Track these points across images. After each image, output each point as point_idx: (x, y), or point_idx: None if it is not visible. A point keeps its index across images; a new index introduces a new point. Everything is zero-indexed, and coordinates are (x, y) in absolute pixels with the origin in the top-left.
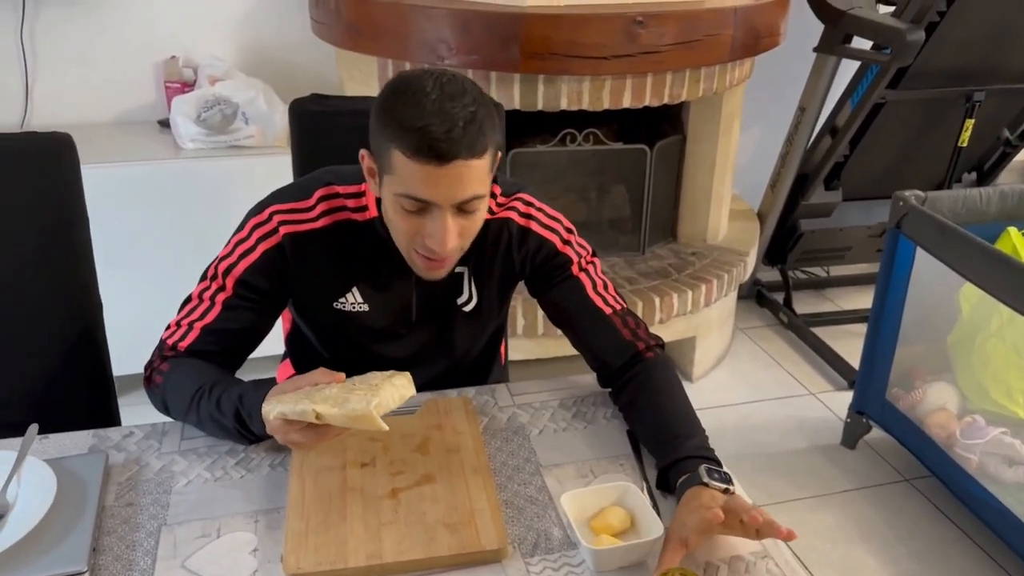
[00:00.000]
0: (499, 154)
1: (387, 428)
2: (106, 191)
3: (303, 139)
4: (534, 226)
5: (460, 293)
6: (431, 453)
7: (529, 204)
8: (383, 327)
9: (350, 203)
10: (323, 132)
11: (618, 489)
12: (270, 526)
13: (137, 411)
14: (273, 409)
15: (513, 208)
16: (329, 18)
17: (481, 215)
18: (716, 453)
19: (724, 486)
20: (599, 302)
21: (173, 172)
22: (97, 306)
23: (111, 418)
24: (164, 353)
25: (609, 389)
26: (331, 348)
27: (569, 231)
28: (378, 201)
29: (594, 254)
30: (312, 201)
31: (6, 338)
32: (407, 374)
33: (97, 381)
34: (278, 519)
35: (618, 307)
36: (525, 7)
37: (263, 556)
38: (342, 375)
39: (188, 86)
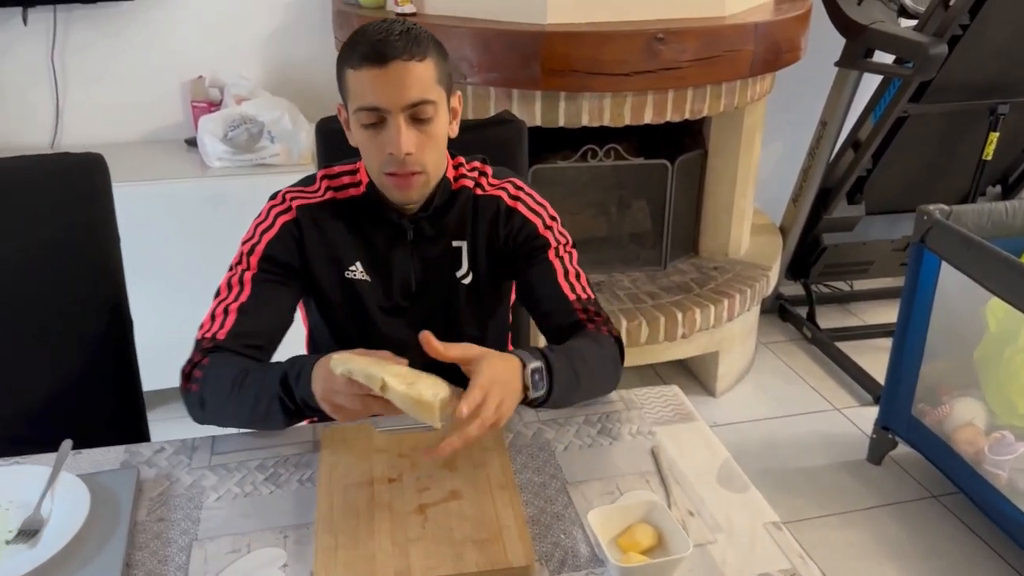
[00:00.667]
0: (452, 88)
1: (440, 426)
2: (135, 209)
3: (329, 157)
4: (520, 207)
5: (459, 267)
6: (458, 469)
7: (519, 188)
8: (386, 298)
9: (345, 179)
10: (349, 150)
11: (645, 506)
12: (299, 542)
13: (166, 426)
14: (340, 365)
15: (504, 189)
16: None
17: (439, 129)
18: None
19: (534, 395)
20: (566, 288)
21: (200, 190)
22: (128, 324)
23: (141, 433)
24: (204, 347)
25: None
26: (344, 327)
27: (552, 218)
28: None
29: (573, 245)
30: (316, 183)
31: (39, 355)
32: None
33: (127, 397)
34: (307, 535)
35: (584, 296)
36: (546, 25)
37: (293, 572)
38: (406, 360)
39: (215, 106)
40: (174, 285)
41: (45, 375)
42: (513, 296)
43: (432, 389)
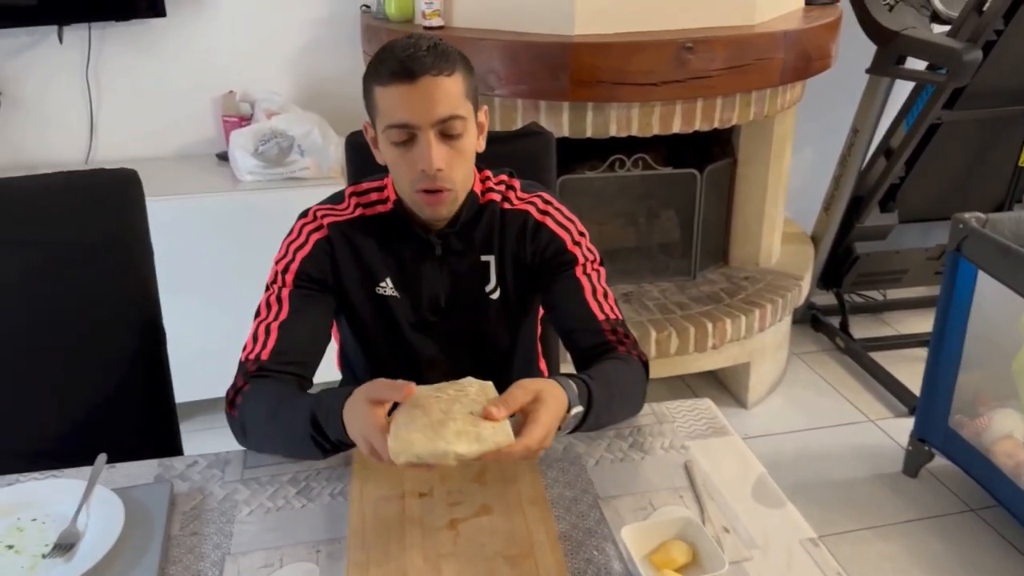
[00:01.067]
0: (479, 102)
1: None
2: (167, 223)
3: (359, 170)
4: (548, 222)
5: (487, 281)
6: (488, 483)
7: (548, 202)
8: (416, 314)
9: (374, 195)
10: (378, 164)
11: (679, 522)
12: (332, 556)
13: (200, 437)
14: (404, 452)
15: (532, 203)
16: None
17: (468, 144)
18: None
19: (575, 410)
20: (595, 307)
21: (231, 204)
22: (161, 337)
23: (174, 447)
24: (249, 371)
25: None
26: (375, 343)
27: (581, 234)
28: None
29: (601, 263)
30: (346, 200)
31: (73, 369)
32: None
33: (161, 410)
34: (339, 549)
35: (612, 316)
36: (573, 36)
37: None
38: (412, 387)
39: (246, 120)
40: (207, 297)
41: (79, 389)
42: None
43: (497, 434)
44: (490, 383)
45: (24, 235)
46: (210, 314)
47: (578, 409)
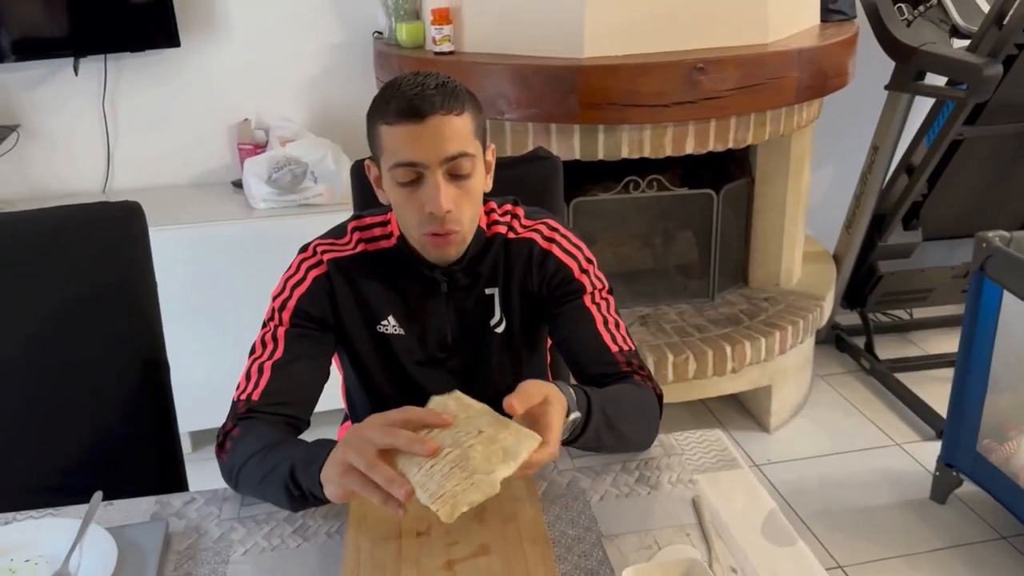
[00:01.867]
0: (488, 141)
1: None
2: (182, 251)
3: (364, 197)
4: (555, 249)
5: (492, 315)
6: (487, 522)
7: (553, 229)
8: (421, 351)
9: (376, 231)
10: None
11: (685, 563)
12: None
13: (208, 466)
14: (456, 508)
15: (537, 231)
16: (392, 77)
17: (477, 183)
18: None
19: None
20: (607, 338)
21: (246, 231)
22: (164, 369)
23: (177, 479)
24: (237, 413)
25: None
26: (376, 380)
27: (589, 261)
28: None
29: (610, 291)
30: (348, 235)
31: (74, 402)
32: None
33: (164, 444)
34: None
35: (626, 347)
36: (582, 59)
37: None
38: (447, 418)
39: (260, 147)
40: (221, 325)
41: (81, 424)
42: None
43: (522, 442)
44: (456, 391)
45: (26, 269)
46: (224, 341)
47: (575, 415)
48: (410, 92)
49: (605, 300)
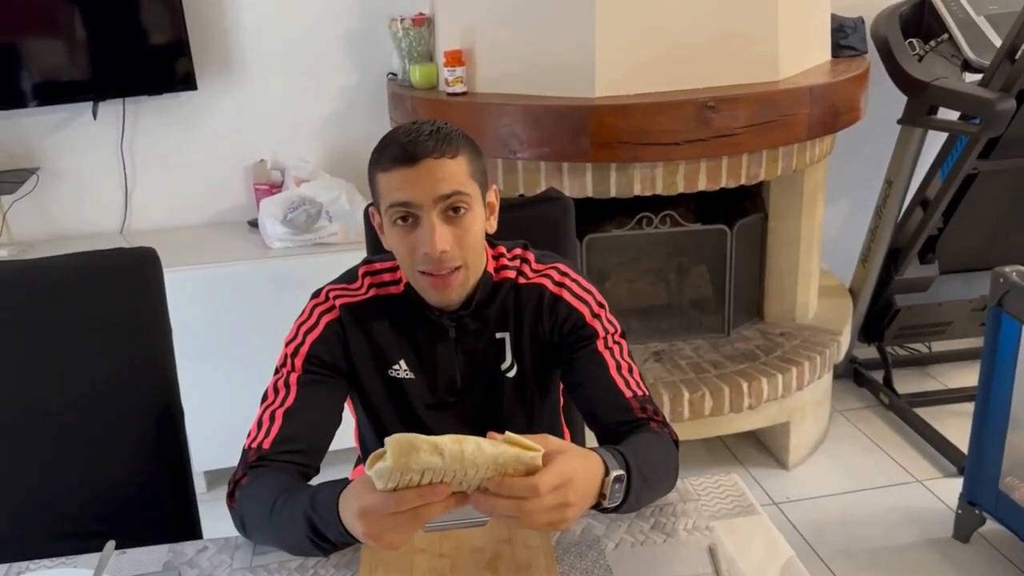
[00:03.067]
0: (490, 183)
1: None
2: (199, 290)
3: (377, 239)
4: (565, 294)
5: (503, 359)
6: (500, 571)
7: (564, 274)
8: (431, 395)
9: (387, 276)
10: None
11: None
12: None
13: (218, 507)
14: (409, 458)
15: (547, 276)
16: (406, 118)
17: (475, 224)
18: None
19: (609, 504)
20: (621, 384)
21: (261, 271)
22: (178, 415)
23: (191, 524)
24: (248, 461)
25: None
26: (388, 424)
27: (600, 305)
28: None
29: (623, 335)
30: (359, 280)
31: (88, 446)
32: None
33: (178, 489)
34: None
35: (640, 393)
36: (594, 99)
37: None
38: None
39: (276, 187)
40: (236, 364)
41: (95, 470)
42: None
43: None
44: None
45: (42, 316)
46: (239, 380)
47: (618, 472)
48: (404, 139)
49: (618, 344)
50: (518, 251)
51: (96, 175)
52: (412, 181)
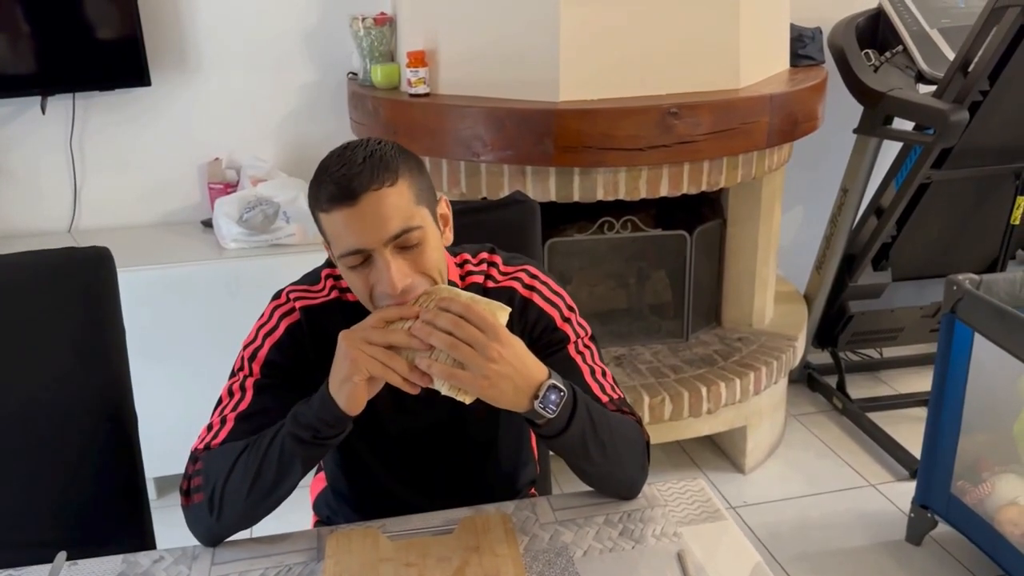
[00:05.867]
0: (435, 197)
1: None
2: (150, 292)
3: None
4: (536, 298)
5: None
6: None
7: (534, 277)
8: (393, 402)
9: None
10: None
11: None
12: None
13: (167, 514)
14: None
15: (517, 279)
16: (367, 118)
17: (432, 247)
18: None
19: (541, 410)
20: (596, 388)
21: (216, 272)
22: (132, 422)
23: (142, 533)
24: (197, 458)
25: None
26: (349, 432)
27: (571, 309)
28: None
29: (592, 338)
30: (322, 282)
31: (38, 451)
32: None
33: (131, 496)
34: None
35: (615, 396)
36: (558, 103)
37: None
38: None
39: (231, 187)
40: (190, 367)
41: (44, 477)
42: None
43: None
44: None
45: None
46: (192, 384)
47: (557, 383)
48: (337, 173)
49: (588, 348)
50: (484, 255)
51: (44, 172)
52: (356, 224)
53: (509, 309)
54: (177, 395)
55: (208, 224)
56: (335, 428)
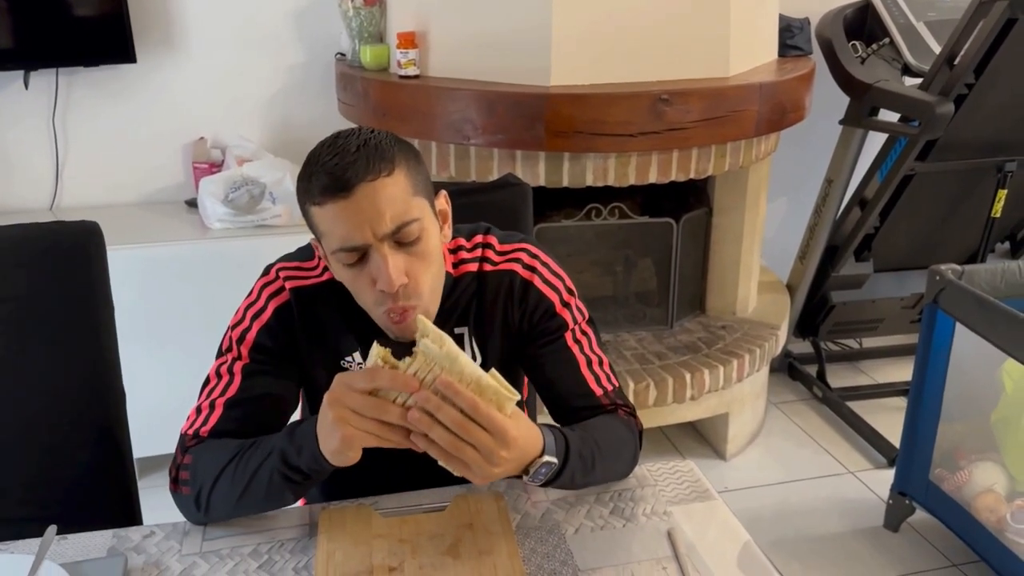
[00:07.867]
0: (433, 189)
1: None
2: (133, 272)
3: None
4: (536, 280)
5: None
6: (462, 556)
7: (534, 256)
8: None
9: None
10: None
11: None
12: None
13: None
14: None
15: (517, 260)
16: (356, 100)
17: (430, 246)
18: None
19: (529, 481)
20: (591, 381)
21: (200, 252)
22: (120, 398)
23: (130, 510)
24: (186, 446)
25: None
26: None
27: (570, 292)
28: None
29: (590, 321)
30: (315, 260)
31: (25, 430)
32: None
33: (118, 474)
34: None
35: (610, 387)
36: (550, 87)
37: None
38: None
39: (216, 167)
40: (174, 348)
41: (32, 452)
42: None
43: (502, 399)
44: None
45: None
46: (176, 365)
47: (550, 459)
48: (330, 164)
49: (586, 335)
50: (479, 238)
51: (26, 148)
52: (351, 217)
53: (517, 396)
54: (160, 375)
55: (192, 204)
56: (326, 473)
